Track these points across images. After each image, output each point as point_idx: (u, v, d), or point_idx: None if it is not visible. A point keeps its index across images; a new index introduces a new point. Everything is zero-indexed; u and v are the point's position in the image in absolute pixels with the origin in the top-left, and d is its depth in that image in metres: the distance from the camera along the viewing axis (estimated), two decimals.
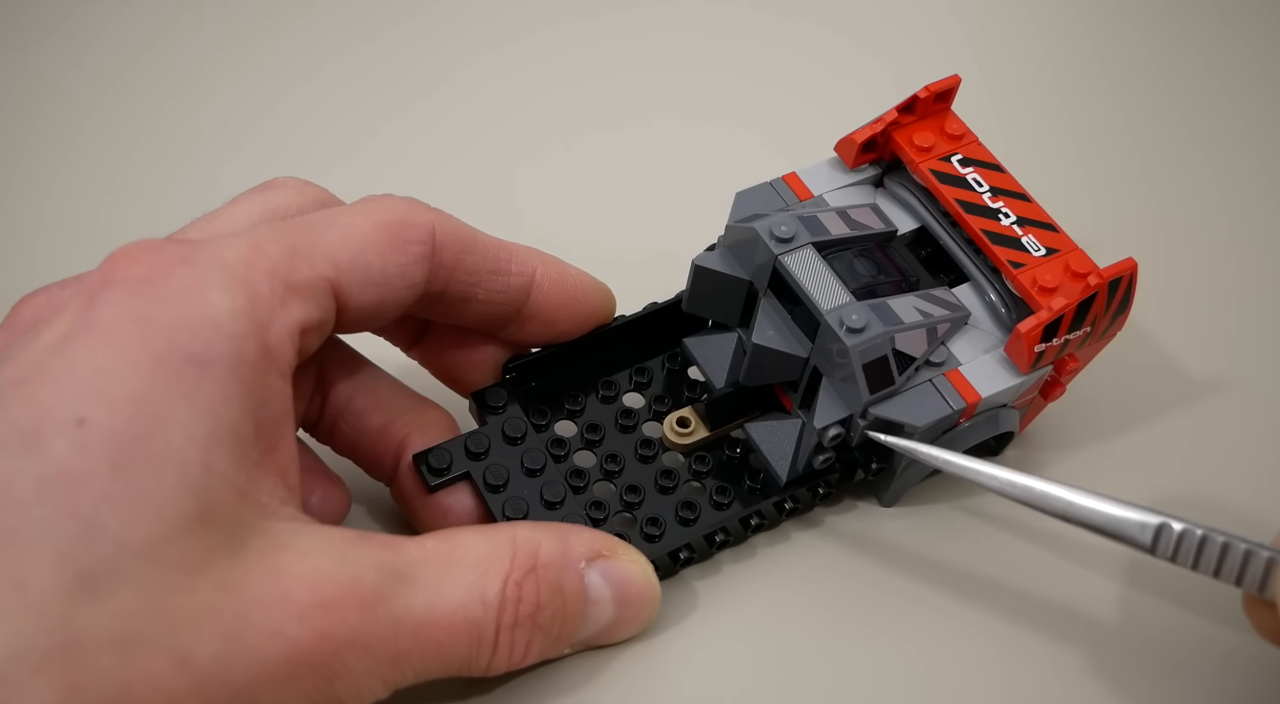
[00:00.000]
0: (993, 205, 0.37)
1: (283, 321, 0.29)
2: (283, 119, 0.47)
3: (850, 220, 0.37)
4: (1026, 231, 0.37)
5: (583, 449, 0.37)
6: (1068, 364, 0.36)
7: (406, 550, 0.30)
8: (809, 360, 0.36)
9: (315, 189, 0.34)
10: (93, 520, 0.25)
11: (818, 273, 0.35)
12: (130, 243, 0.29)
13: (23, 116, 0.46)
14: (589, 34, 0.51)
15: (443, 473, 0.35)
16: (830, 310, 0.34)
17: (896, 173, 0.39)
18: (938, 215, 0.38)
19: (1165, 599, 0.37)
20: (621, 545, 0.34)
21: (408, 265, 0.32)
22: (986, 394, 0.35)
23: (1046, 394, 0.37)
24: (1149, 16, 0.53)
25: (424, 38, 0.50)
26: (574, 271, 0.37)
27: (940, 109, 0.39)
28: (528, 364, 0.38)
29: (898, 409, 0.35)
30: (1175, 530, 0.31)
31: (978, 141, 0.39)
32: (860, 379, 0.34)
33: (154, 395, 0.26)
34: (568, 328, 0.37)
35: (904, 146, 0.38)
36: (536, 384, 0.38)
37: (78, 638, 0.25)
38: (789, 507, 0.36)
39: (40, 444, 0.25)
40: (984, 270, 0.37)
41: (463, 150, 0.47)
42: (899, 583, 0.37)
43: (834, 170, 0.39)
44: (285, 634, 0.27)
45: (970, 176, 0.38)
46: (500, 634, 0.31)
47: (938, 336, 0.36)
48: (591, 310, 0.37)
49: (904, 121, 0.39)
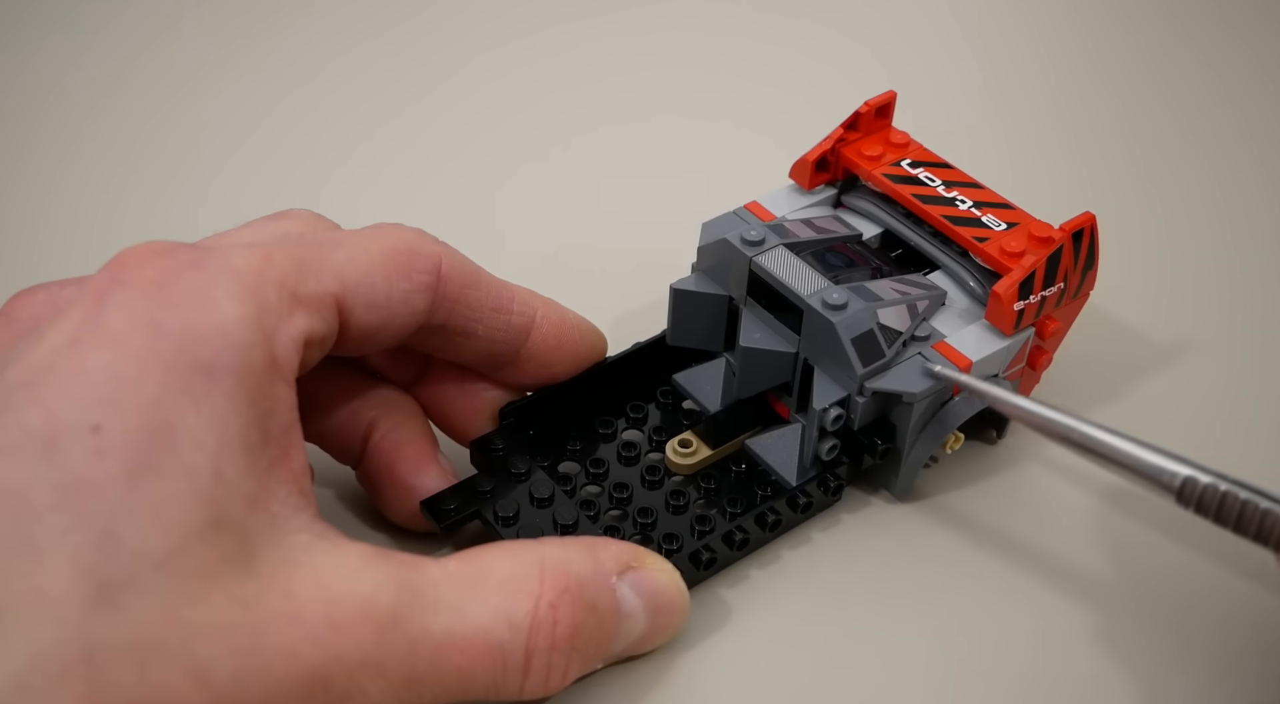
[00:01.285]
0: (948, 195, 0.39)
1: (289, 331, 0.29)
2: (282, 119, 0.47)
3: (816, 226, 0.39)
4: (985, 212, 0.38)
5: (588, 484, 0.37)
6: (1048, 326, 0.37)
7: (426, 570, 0.29)
8: (798, 355, 0.36)
9: (327, 222, 0.34)
10: (110, 529, 0.25)
11: (793, 267, 0.36)
12: (139, 244, 0.29)
13: (23, 116, 0.45)
14: (587, 35, 0.52)
15: (451, 513, 0.35)
16: (810, 294, 0.35)
17: (853, 191, 0.41)
18: (899, 217, 0.40)
19: (1196, 587, 0.36)
20: (649, 554, 0.33)
21: (412, 293, 0.32)
22: (976, 358, 0.36)
23: (1035, 363, 0.38)
24: (1149, 16, 0.53)
25: (423, 37, 0.51)
26: (571, 315, 0.37)
27: (882, 124, 0.41)
28: (524, 410, 0.38)
29: (893, 380, 0.35)
30: (1201, 482, 0.31)
31: (922, 147, 0.41)
32: (851, 353, 0.35)
33: (165, 403, 0.26)
34: (563, 370, 0.37)
35: (854, 159, 0.40)
36: (534, 432, 0.38)
37: (98, 648, 0.24)
38: (803, 501, 0.36)
39: (56, 451, 0.25)
40: (953, 255, 0.38)
41: (462, 150, 0.47)
42: (924, 577, 0.36)
43: (793, 194, 0.41)
44: (299, 654, 0.26)
45: (922, 175, 0.40)
46: (534, 658, 0.30)
47: (918, 312, 0.36)
48: (587, 352, 0.38)
49: (850, 138, 0.41)
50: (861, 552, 0.37)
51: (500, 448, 0.37)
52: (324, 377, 0.35)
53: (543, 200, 0.47)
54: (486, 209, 0.38)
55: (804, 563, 0.36)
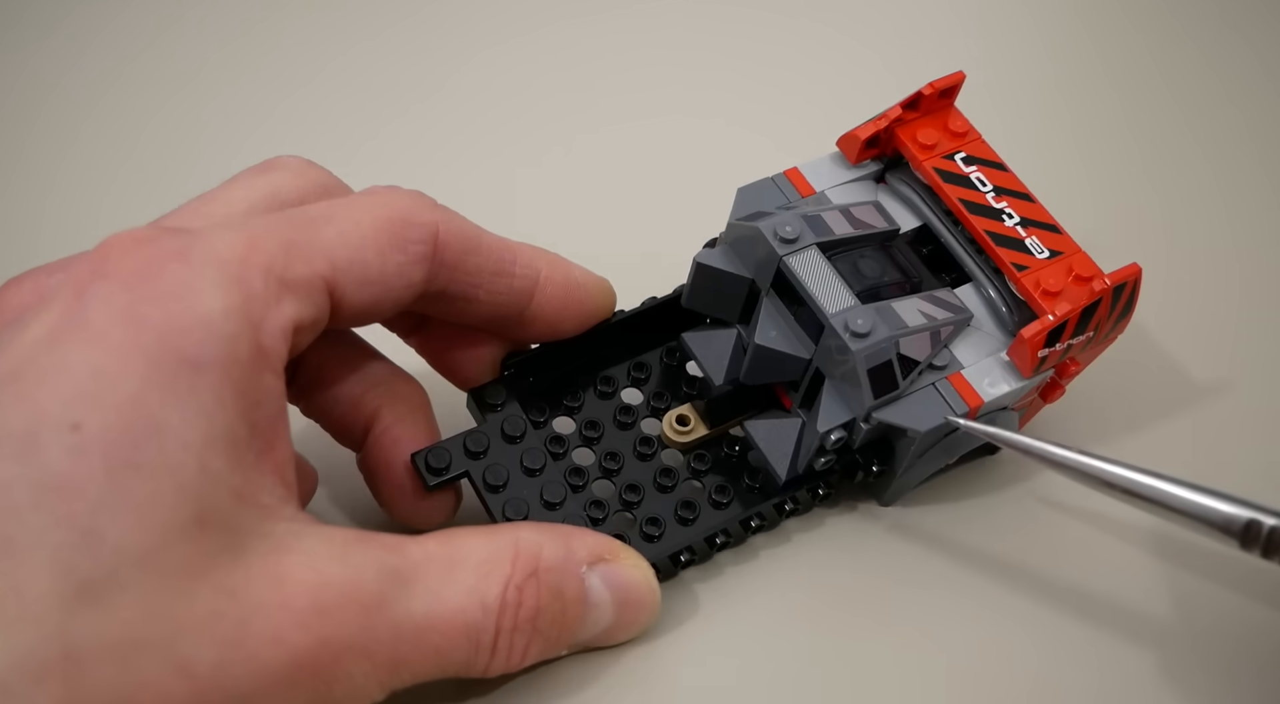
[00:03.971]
0: (996, 206, 0.37)
1: (276, 320, 0.28)
2: (283, 119, 0.46)
3: (854, 219, 0.37)
4: (1030, 233, 0.37)
5: (581, 446, 0.37)
6: (1069, 367, 0.36)
7: (407, 551, 0.30)
8: (811, 361, 0.36)
9: (316, 170, 0.33)
10: (90, 528, 0.25)
11: (822, 275, 0.35)
12: (122, 231, 0.28)
13: (23, 116, 0.45)
14: (588, 32, 0.51)
15: (441, 472, 0.35)
16: (835, 314, 0.34)
17: (898, 169, 0.39)
18: (940, 214, 0.38)
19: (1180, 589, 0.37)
20: (623, 549, 0.34)
21: (406, 265, 0.31)
22: (989, 398, 0.35)
23: (1046, 396, 0.37)
24: (1149, 16, 0.53)
25: (423, 36, 0.50)
26: (578, 271, 0.36)
27: (944, 106, 0.39)
28: (526, 360, 0.37)
29: (900, 414, 0.35)
30: (1267, 525, 0.30)
31: (981, 139, 0.38)
32: (865, 384, 0.34)
33: (148, 399, 0.26)
34: (570, 328, 0.37)
35: (907, 143, 0.38)
36: (534, 380, 0.38)
37: (77, 647, 0.24)
38: (789, 507, 0.36)
39: (36, 449, 0.25)
40: (986, 271, 0.37)
41: (462, 150, 0.47)
42: (899, 581, 0.37)
43: (836, 166, 0.39)
44: (286, 640, 0.27)
45: (974, 176, 0.38)
46: (499, 637, 0.31)
47: (941, 339, 0.35)
48: (594, 310, 0.37)
49: (908, 118, 0.38)
50: (840, 553, 0.37)
51: (499, 402, 0.36)
52: (327, 349, 0.34)
53: (541, 200, 0.46)
54: (486, 208, 0.37)
55: (780, 562, 0.37)
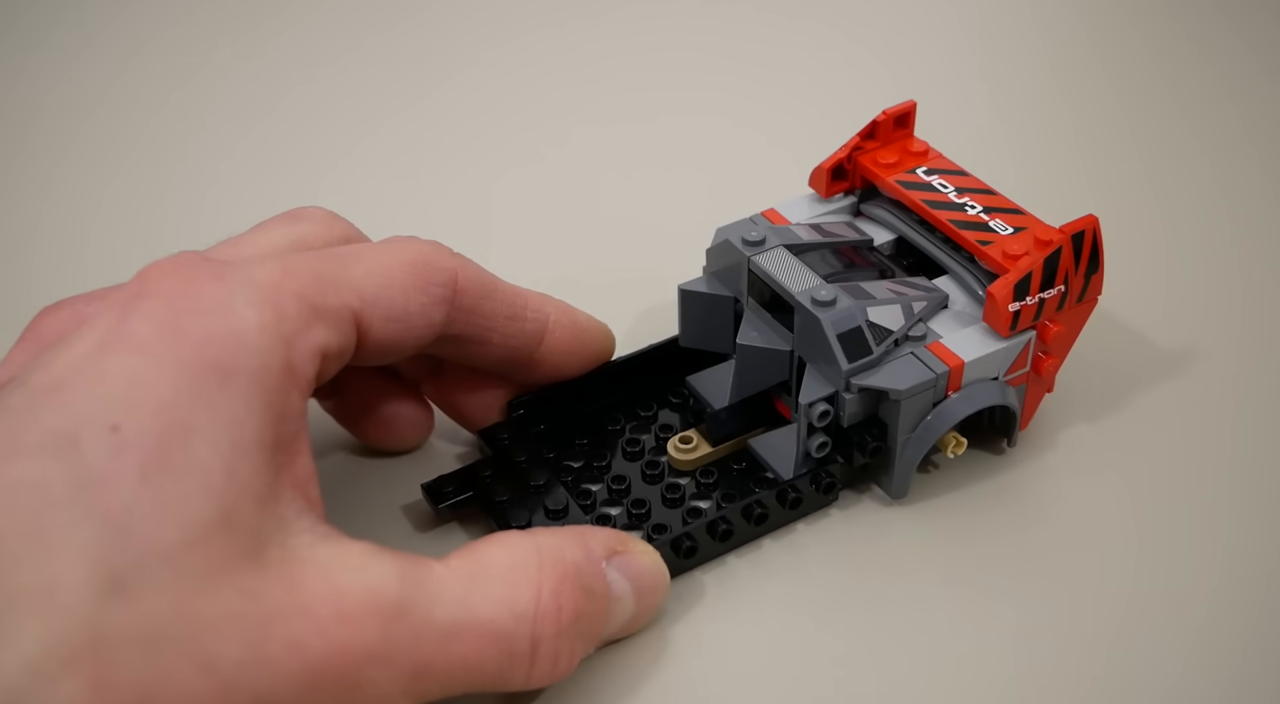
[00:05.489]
0: (958, 201, 0.39)
1: (306, 342, 0.30)
2: (282, 119, 0.48)
3: (824, 231, 0.39)
4: (993, 217, 0.38)
5: (589, 477, 0.38)
6: (1050, 329, 0.36)
7: (429, 565, 0.30)
8: (793, 353, 0.37)
9: (342, 223, 0.36)
10: (122, 524, 0.26)
11: (789, 267, 0.37)
12: (163, 258, 0.30)
13: (23, 116, 0.47)
14: (591, 34, 0.53)
15: (448, 495, 0.37)
16: (801, 292, 0.36)
17: (872, 200, 0.41)
18: (913, 224, 0.40)
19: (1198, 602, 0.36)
20: (630, 538, 0.34)
21: (429, 305, 0.33)
22: (969, 358, 0.35)
23: (1039, 368, 0.37)
24: (1149, 17, 0.53)
25: (425, 36, 0.52)
26: (582, 316, 0.38)
27: (902, 134, 0.41)
28: (534, 406, 0.39)
29: (879, 377, 0.35)
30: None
31: (941, 156, 0.41)
32: (837, 349, 0.35)
33: (182, 404, 0.27)
34: (574, 370, 0.39)
35: (870, 167, 0.40)
36: (544, 426, 0.39)
37: (106, 637, 0.25)
38: (792, 497, 0.36)
39: (76, 449, 0.26)
40: (960, 261, 0.38)
41: (465, 149, 0.48)
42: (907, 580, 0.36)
43: (811, 202, 0.41)
44: (305, 646, 0.27)
45: (935, 181, 0.40)
46: (540, 645, 0.30)
47: (914, 313, 0.36)
48: (596, 353, 0.39)
49: (869, 147, 0.41)
50: (848, 550, 0.36)
51: (505, 437, 0.38)
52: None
53: (547, 201, 0.48)
54: (491, 208, 0.39)
55: (789, 559, 0.36)
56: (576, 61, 0.54)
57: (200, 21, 0.54)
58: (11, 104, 0.50)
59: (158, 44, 0.53)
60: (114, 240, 0.30)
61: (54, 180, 0.48)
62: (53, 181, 0.48)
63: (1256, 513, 0.37)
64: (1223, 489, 0.38)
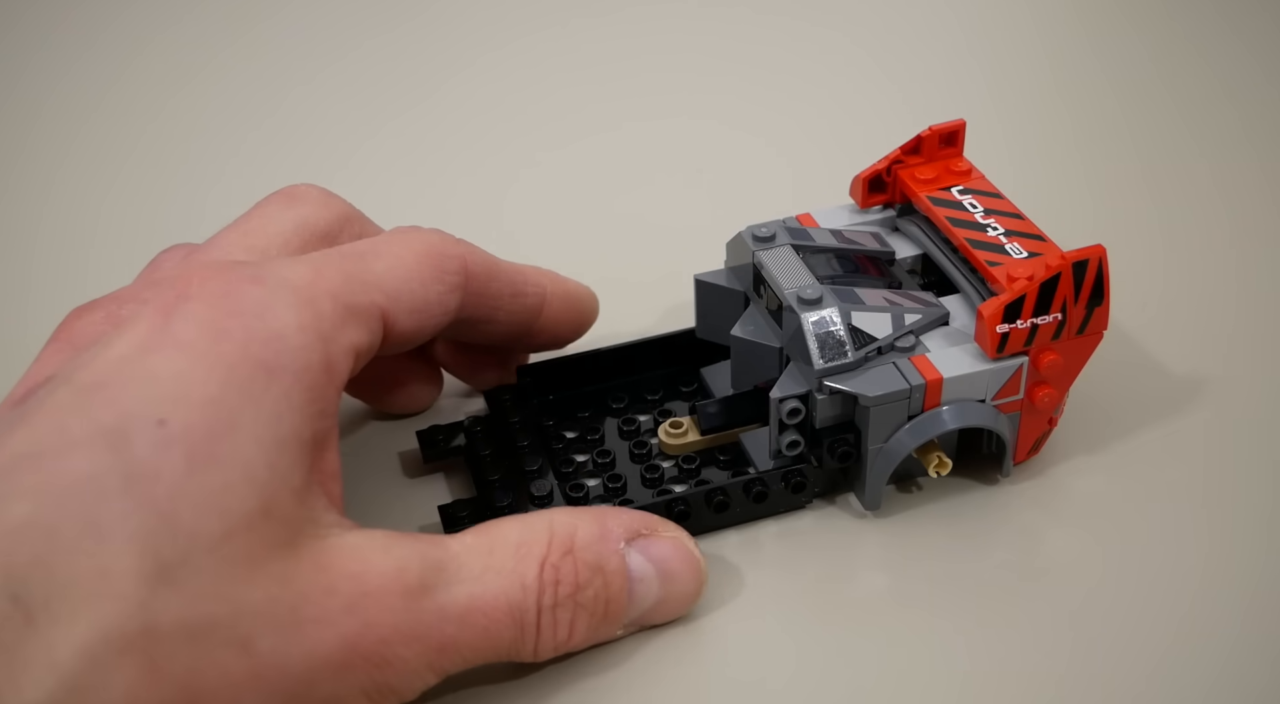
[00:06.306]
0: (982, 221, 0.38)
1: (342, 341, 0.31)
2: (283, 120, 0.49)
3: (843, 238, 0.39)
4: (1012, 240, 0.37)
5: (580, 448, 0.39)
6: (1044, 357, 0.35)
7: (447, 544, 0.31)
8: (783, 351, 0.37)
9: (338, 201, 0.37)
10: (170, 514, 0.27)
11: (789, 265, 0.37)
12: (196, 264, 0.32)
13: (23, 116, 0.49)
14: (601, 34, 0.54)
15: (439, 445, 0.38)
16: (790, 289, 0.36)
17: (908, 215, 0.41)
18: (940, 243, 0.39)
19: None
20: (660, 522, 0.34)
21: (445, 293, 0.35)
22: (949, 374, 0.35)
23: (1034, 396, 0.36)
24: (1149, 18, 0.53)
25: (426, 37, 0.53)
26: (571, 284, 0.40)
27: (949, 152, 0.41)
28: (545, 375, 0.40)
29: (851, 382, 0.35)
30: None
31: (983, 177, 0.40)
32: (813, 348, 0.35)
33: (226, 399, 0.28)
34: (569, 336, 0.40)
35: (908, 181, 0.40)
36: (553, 396, 0.41)
37: (156, 624, 0.26)
38: (756, 489, 0.36)
39: (125, 442, 0.27)
40: (973, 283, 0.38)
41: (465, 148, 0.49)
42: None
43: (849, 212, 0.41)
44: (334, 623, 0.28)
45: (967, 202, 0.39)
46: (542, 615, 0.31)
47: (904, 324, 0.36)
48: (586, 318, 0.40)
49: (910, 161, 0.41)
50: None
51: (507, 398, 0.40)
52: None
53: (550, 204, 0.48)
54: (492, 209, 0.41)
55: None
56: (579, 61, 0.55)
57: (200, 21, 0.55)
58: (11, 104, 0.52)
59: (158, 44, 0.54)
60: (114, 241, 0.32)
61: (54, 180, 0.49)
62: (53, 182, 0.49)
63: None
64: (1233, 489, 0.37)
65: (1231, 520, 0.37)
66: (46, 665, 0.25)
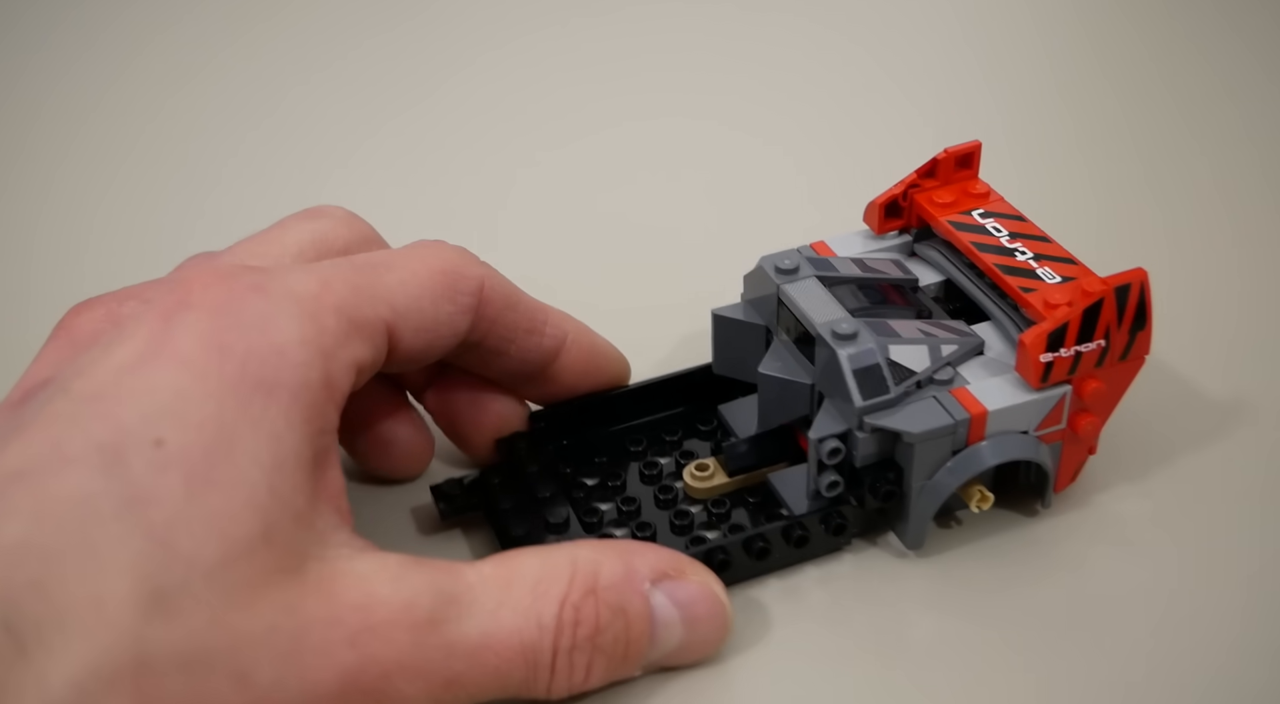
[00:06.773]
0: (1009, 246, 0.37)
1: (344, 356, 0.30)
2: (283, 120, 0.49)
3: (865, 266, 0.38)
4: (1043, 264, 0.36)
5: (602, 495, 0.37)
6: (1087, 384, 0.34)
7: (462, 575, 0.30)
8: (814, 387, 0.36)
9: (361, 223, 0.36)
10: (166, 539, 0.26)
11: (817, 298, 0.36)
12: (201, 267, 0.31)
13: (23, 116, 0.48)
14: (605, 33, 0.54)
15: (455, 499, 0.36)
16: (823, 324, 0.35)
17: (926, 240, 0.40)
18: (963, 268, 0.38)
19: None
20: (690, 563, 0.33)
21: (456, 315, 0.33)
22: (993, 407, 0.34)
23: (1076, 425, 0.35)
24: (1149, 19, 0.53)
25: (426, 37, 0.52)
26: (600, 341, 0.38)
27: (964, 175, 0.40)
28: (557, 420, 0.39)
29: (894, 418, 0.34)
30: None
31: (1002, 199, 0.39)
32: (852, 385, 0.34)
33: (225, 419, 0.27)
34: (583, 389, 0.38)
35: (925, 205, 0.39)
36: (567, 442, 0.39)
37: (149, 655, 0.25)
38: (797, 534, 0.35)
39: (121, 462, 0.26)
40: (1005, 308, 0.37)
41: (465, 149, 0.49)
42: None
43: (864, 238, 0.40)
44: (336, 656, 0.27)
45: (990, 225, 0.38)
46: (558, 657, 0.30)
47: (941, 355, 0.35)
48: (609, 379, 0.39)
49: (926, 185, 0.40)
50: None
51: (522, 446, 0.38)
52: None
53: (550, 204, 0.48)
54: (492, 209, 0.40)
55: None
56: (579, 61, 0.54)
57: (200, 22, 0.55)
58: (11, 104, 0.51)
59: (158, 44, 0.54)
60: (114, 241, 0.31)
61: (54, 181, 0.49)
62: (53, 182, 0.49)
63: None
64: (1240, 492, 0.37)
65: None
66: (37, 697, 0.24)
